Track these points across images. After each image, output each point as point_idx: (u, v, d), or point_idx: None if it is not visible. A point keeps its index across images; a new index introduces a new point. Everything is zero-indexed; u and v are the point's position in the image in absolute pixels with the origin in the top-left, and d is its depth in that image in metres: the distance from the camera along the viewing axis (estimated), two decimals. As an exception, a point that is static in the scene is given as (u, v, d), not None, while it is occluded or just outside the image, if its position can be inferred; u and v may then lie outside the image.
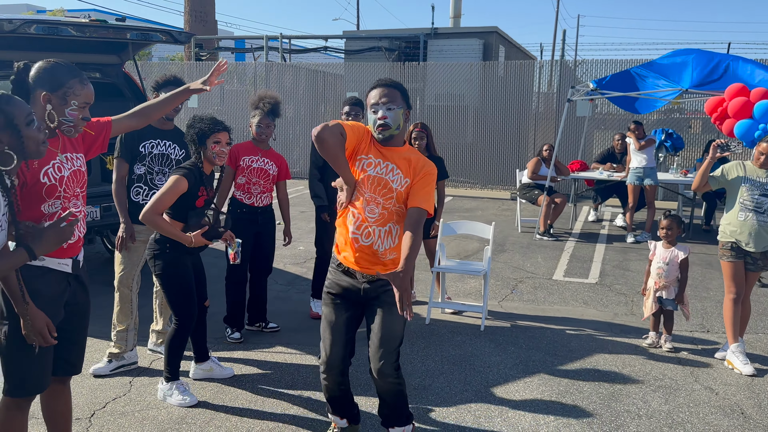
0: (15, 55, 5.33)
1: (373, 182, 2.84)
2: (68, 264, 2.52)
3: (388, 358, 2.84)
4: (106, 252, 7.11)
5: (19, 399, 2.46)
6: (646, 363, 4.41)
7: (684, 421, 3.57)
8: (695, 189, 4.61)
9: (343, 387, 3.01)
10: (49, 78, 2.40)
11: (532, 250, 7.85)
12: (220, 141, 3.49)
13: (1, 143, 2.08)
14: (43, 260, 2.43)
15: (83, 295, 2.64)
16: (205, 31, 16.82)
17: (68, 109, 2.43)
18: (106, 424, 3.39)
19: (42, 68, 2.42)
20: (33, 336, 2.31)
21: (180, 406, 3.58)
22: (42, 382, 2.48)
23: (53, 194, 2.43)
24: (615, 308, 5.68)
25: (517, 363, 4.36)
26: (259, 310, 4.89)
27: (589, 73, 12.28)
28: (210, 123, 3.48)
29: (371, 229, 2.83)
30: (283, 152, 13.72)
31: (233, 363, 4.24)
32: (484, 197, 12.26)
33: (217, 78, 2.90)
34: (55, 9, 29.99)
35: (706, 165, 4.46)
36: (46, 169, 2.41)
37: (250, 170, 4.54)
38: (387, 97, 2.80)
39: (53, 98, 2.41)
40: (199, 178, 3.49)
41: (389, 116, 2.79)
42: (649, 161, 8.24)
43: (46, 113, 2.41)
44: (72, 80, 2.43)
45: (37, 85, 2.41)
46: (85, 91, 2.46)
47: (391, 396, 2.93)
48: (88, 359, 4.25)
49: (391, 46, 14.41)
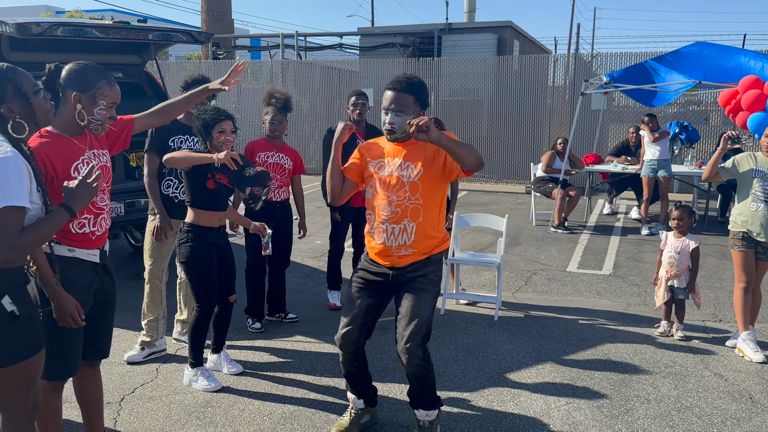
0: (41, 56, 5.54)
1: (384, 182, 2.99)
2: (96, 254, 2.69)
3: (414, 339, 2.93)
4: (129, 247, 7.32)
5: (53, 382, 2.64)
6: (657, 351, 4.49)
7: (692, 405, 3.66)
8: (705, 179, 4.67)
9: (357, 364, 3.15)
10: (80, 79, 2.55)
11: (546, 243, 7.92)
12: (225, 130, 3.62)
13: (12, 112, 2.21)
14: (74, 251, 2.60)
15: (110, 284, 2.80)
16: (222, 30, 17.02)
17: (97, 108, 2.58)
18: (135, 408, 3.56)
19: (72, 70, 2.57)
20: (64, 319, 2.48)
21: (205, 390, 3.74)
22: (74, 365, 2.65)
23: None
24: (628, 299, 5.76)
25: (530, 351, 4.46)
26: (279, 302, 5.04)
27: (605, 67, 12.28)
28: (213, 113, 3.61)
29: (384, 227, 2.99)
30: (298, 148, 13.89)
31: (255, 351, 4.40)
32: (499, 191, 12.32)
33: (235, 78, 3.05)
34: (72, 10, 30.44)
35: (717, 156, 4.52)
36: (76, 164, 2.57)
37: (266, 165, 4.68)
38: (396, 103, 2.91)
39: (83, 98, 2.56)
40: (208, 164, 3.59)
41: (396, 122, 2.92)
42: (663, 153, 8.27)
43: (76, 112, 2.56)
44: (101, 81, 2.58)
45: (67, 86, 2.55)
46: (112, 92, 2.61)
47: (417, 378, 3.03)
48: (119, 348, 4.46)
49: (405, 42, 14.50)
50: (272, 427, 3.37)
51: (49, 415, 2.65)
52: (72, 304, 2.47)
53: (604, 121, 11.65)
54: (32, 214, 2.20)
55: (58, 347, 2.56)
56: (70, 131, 2.59)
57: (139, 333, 4.41)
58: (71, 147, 2.57)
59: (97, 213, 2.67)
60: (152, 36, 5.43)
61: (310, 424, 3.39)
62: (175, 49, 31.48)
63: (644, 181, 8.43)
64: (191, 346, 3.78)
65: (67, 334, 2.55)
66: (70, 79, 2.55)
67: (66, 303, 2.46)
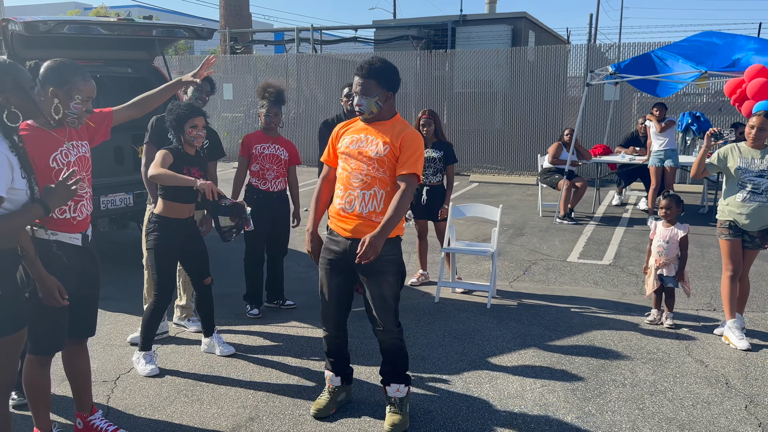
0: (51, 53, 5.77)
1: (352, 154, 3.19)
2: (78, 238, 2.88)
3: (387, 317, 3.19)
4: (141, 237, 7.57)
5: (41, 356, 2.84)
6: (643, 338, 4.55)
7: (666, 389, 3.73)
8: (694, 176, 4.71)
9: (338, 341, 3.38)
10: (56, 75, 2.74)
11: (550, 234, 7.97)
12: (197, 125, 3.78)
13: (9, 102, 2.41)
14: (56, 234, 2.79)
15: (93, 266, 2.99)
16: (240, 25, 17.27)
17: (73, 102, 2.77)
18: (129, 386, 3.76)
19: (50, 67, 2.76)
20: (47, 298, 2.67)
21: (145, 375, 3.89)
22: (59, 341, 2.85)
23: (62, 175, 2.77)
24: (624, 288, 5.80)
25: (516, 337, 4.56)
26: (277, 289, 5.21)
27: (621, 57, 12.18)
28: (186, 109, 3.77)
29: (354, 194, 3.15)
30: (313, 139, 14.07)
31: (249, 336, 4.58)
32: (511, 183, 12.34)
33: (207, 70, 3.25)
34: (98, 6, 31.07)
35: (702, 154, 4.56)
36: (54, 155, 2.76)
37: (263, 157, 4.84)
38: (362, 87, 3.13)
39: (60, 93, 2.74)
40: (181, 157, 3.77)
41: (363, 104, 3.14)
42: (670, 143, 8.24)
43: (53, 106, 2.75)
44: (76, 78, 2.76)
45: (45, 82, 2.75)
46: (87, 87, 2.79)
47: (393, 351, 3.25)
48: (122, 332, 4.68)
49: (419, 35, 14.56)
50: (255, 404, 3.54)
51: (37, 388, 2.85)
52: (54, 284, 2.66)
53: (615, 112, 11.58)
54: (16, 198, 2.39)
55: (43, 324, 2.76)
56: (49, 124, 2.78)
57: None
58: (50, 139, 2.76)
59: (77, 200, 2.86)
60: (156, 32, 5.63)
61: (290, 402, 3.56)
62: (198, 44, 31.95)
63: (651, 171, 8.41)
64: (142, 331, 3.93)
65: (52, 312, 2.74)
66: (47, 75, 2.74)
67: (48, 283, 2.64)
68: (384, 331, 3.22)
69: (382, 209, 3.15)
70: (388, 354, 3.28)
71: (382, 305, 3.18)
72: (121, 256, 6.96)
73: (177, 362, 4.10)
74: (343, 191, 3.21)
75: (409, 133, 3.15)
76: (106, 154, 6.42)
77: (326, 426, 3.32)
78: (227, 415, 3.42)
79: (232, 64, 15.37)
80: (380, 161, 3.12)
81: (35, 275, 2.63)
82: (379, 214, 3.14)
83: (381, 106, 3.14)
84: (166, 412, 3.45)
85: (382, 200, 3.14)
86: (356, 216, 3.16)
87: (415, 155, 3.11)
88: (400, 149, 3.12)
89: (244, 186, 5.02)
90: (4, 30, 5.21)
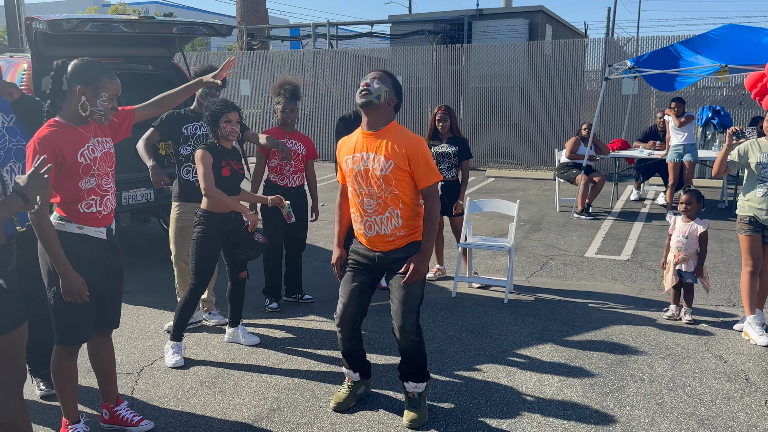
0: (74, 51, 5.86)
1: (359, 176, 3.18)
2: (103, 232, 2.96)
3: (408, 317, 3.18)
4: (162, 232, 7.67)
5: (68, 347, 2.93)
6: (661, 333, 4.55)
7: (685, 385, 3.72)
8: (715, 175, 4.67)
9: (354, 342, 3.38)
10: (84, 74, 2.80)
11: (567, 229, 7.95)
12: (231, 120, 3.90)
13: None
14: (83, 228, 2.86)
15: (117, 259, 3.06)
16: (257, 21, 17.34)
17: (99, 100, 2.83)
18: (153, 378, 3.84)
19: (77, 66, 2.82)
20: (71, 294, 2.74)
21: (170, 366, 3.98)
22: (85, 333, 2.93)
23: (88, 172, 2.86)
24: (642, 283, 5.78)
25: (533, 332, 4.58)
26: (295, 283, 5.26)
27: (640, 51, 12.08)
28: (221, 105, 3.89)
29: (371, 220, 3.19)
30: (330, 134, 14.13)
31: (269, 329, 4.64)
32: (528, 178, 12.31)
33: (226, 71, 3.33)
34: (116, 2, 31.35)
35: (724, 152, 4.52)
36: (82, 151, 2.83)
37: None
38: (378, 77, 3.13)
39: (87, 91, 2.81)
40: (219, 152, 3.92)
41: (372, 85, 3.08)
42: (689, 138, 8.17)
43: (80, 103, 2.81)
44: (102, 76, 2.82)
45: (73, 80, 2.81)
46: (113, 85, 2.85)
47: (411, 352, 3.24)
48: (143, 325, 4.76)
49: (435, 29, 14.53)
50: (276, 396, 3.60)
51: (65, 378, 2.93)
52: (78, 281, 2.74)
53: (633, 106, 11.49)
54: None
55: (70, 316, 2.84)
56: (76, 121, 2.86)
57: (164, 311, 4.71)
58: (77, 135, 2.83)
59: (102, 194, 2.93)
60: (176, 30, 5.69)
61: (311, 395, 3.61)
62: (215, 40, 32.14)
63: (670, 166, 8.35)
64: (175, 320, 4.05)
65: (77, 304, 2.82)
66: (75, 73, 2.81)
67: (73, 278, 2.72)
68: (403, 333, 3.19)
69: (402, 224, 3.19)
70: (407, 354, 3.27)
71: (406, 307, 3.18)
72: (142, 250, 7.06)
73: (199, 354, 4.17)
74: (360, 217, 3.23)
75: (412, 145, 3.10)
76: (127, 151, 6.50)
77: (346, 418, 3.36)
78: (249, 407, 3.48)
79: (249, 60, 15.46)
80: (386, 179, 3.11)
81: (60, 270, 2.70)
82: (401, 228, 3.19)
83: (387, 101, 3.13)
84: (189, 404, 3.52)
85: (399, 217, 3.18)
86: (379, 237, 3.22)
87: (426, 165, 3.11)
88: (410, 165, 3.10)
89: (263, 182, 5.07)
90: (29, 28, 5.30)
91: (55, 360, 2.96)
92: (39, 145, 2.71)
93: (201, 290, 4.04)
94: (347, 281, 3.33)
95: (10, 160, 3.26)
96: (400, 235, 3.21)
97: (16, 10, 12.63)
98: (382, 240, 3.22)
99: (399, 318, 3.18)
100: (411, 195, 3.18)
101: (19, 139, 3.31)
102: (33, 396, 3.58)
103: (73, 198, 2.84)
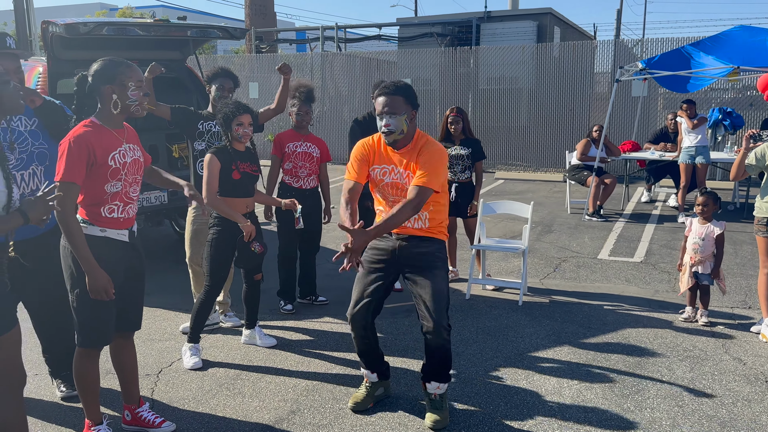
0: (88, 54, 5.89)
1: (392, 187, 3.24)
2: (125, 234, 2.98)
3: (442, 315, 3.16)
4: (174, 234, 7.70)
5: (89, 349, 2.95)
6: (678, 335, 4.53)
7: (705, 387, 3.71)
8: (734, 179, 4.66)
9: (367, 341, 3.38)
10: (105, 74, 2.82)
11: (579, 231, 7.93)
12: (243, 123, 3.90)
13: None
14: (105, 231, 2.88)
15: (139, 261, 3.09)
16: (265, 24, 17.40)
17: (129, 91, 2.85)
18: (171, 380, 3.85)
19: (96, 70, 2.84)
20: (97, 292, 2.76)
21: (189, 368, 3.99)
22: (107, 335, 2.95)
23: (116, 176, 2.87)
24: (657, 285, 5.77)
25: (550, 334, 4.57)
26: (309, 285, 5.27)
27: (649, 53, 12.05)
28: (233, 107, 3.90)
29: None
30: (339, 137, 14.16)
31: (285, 331, 4.65)
32: (537, 180, 12.30)
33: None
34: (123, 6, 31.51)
35: (741, 156, 4.51)
36: (113, 154, 2.85)
37: (296, 155, 4.90)
38: (389, 106, 3.12)
39: (115, 88, 2.83)
40: (230, 155, 3.92)
41: (392, 123, 3.13)
42: (701, 140, 8.14)
43: (111, 102, 2.83)
44: (120, 68, 2.84)
45: (98, 84, 2.83)
46: (134, 73, 2.86)
47: (441, 352, 3.23)
48: (160, 327, 4.78)
49: (443, 32, 14.55)
50: (295, 398, 3.60)
51: (87, 380, 2.95)
52: (104, 278, 2.76)
53: (644, 108, 11.46)
54: None
55: (92, 319, 2.86)
56: (110, 124, 2.88)
57: (180, 313, 4.72)
58: (111, 138, 2.86)
59: (126, 202, 2.96)
60: (190, 33, 5.72)
61: (330, 396, 3.61)
62: (222, 43, 32.23)
63: (682, 168, 8.32)
64: (191, 322, 4.06)
65: (99, 307, 2.85)
66: (97, 78, 2.83)
67: (100, 277, 2.74)
68: (437, 331, 3.15)
69: (429, 227, 3.25)
70: (435, 353, 3.24)
71: (438, 298, 3.16)
72: (156, 253, 7.08)
73: (216, 356, 4.18)
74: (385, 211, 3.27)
75: (433, 152, 3.15)
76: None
77: (367, 420, 3.36)
78: (269, 408, 3.49)
79: (258, 63, 15.51)
80: None
81: (86, 267, 2.73)
82: (425, 230, 3.25)
83: (412, 120, 3.16)
84: (209, 405, 3.52)
85: (426, 219, 3.25)
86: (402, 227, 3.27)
87: (430, 167, 3.10)
88: (420, 159, 3.14)
89: (277, 184, 5.08)
90: (45, 32, 5.34)
91: (77, 362, 2.98)
92: (74, 143, 2.73)
93: (216, 292, 4.06)
94: (361, 278, 3.34)
95: (32, 163, 3.28)
96: (425, 227, 3.28)
97: (26, 15, 12.72)
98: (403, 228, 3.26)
99: (431, 317, 3.15)
100: (438, 198, 3.24)
101: (41, 143, 3.33)
102: (54, 398, 3.60)
103: (97, 200, 2.86)
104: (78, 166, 2.72)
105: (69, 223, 2.71)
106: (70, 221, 2.72)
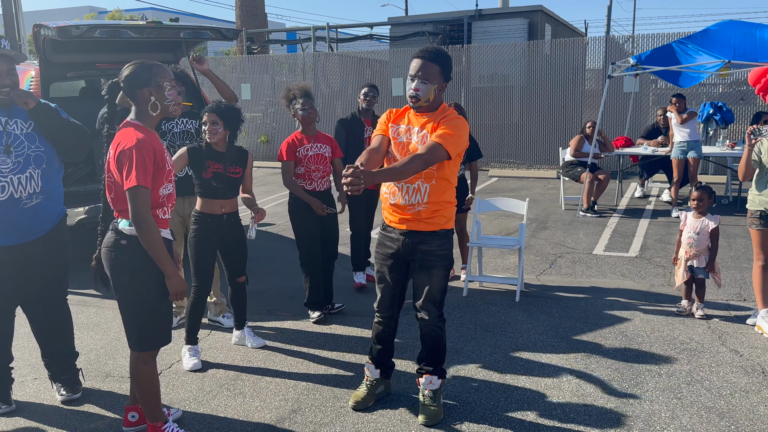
0: (81, 57, 5.87)
1: (399, 147, 3.20)
2: (169, 233, 3.04)
3: (431, 307, 3.24)
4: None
5: (150, 352, 2.97)
6: (675, 329, 4.56)
7: (703, 379, 3.74)
8: (743, 179, 4.63)
9: (388, 330, 3.44)
10: (139, 78, 2.82)
11: (574, 227, 7.97)
12: (206, 122, 3.96)
13: None
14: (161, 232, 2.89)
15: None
16: (256, 25, 17.37)
17: (166, 91, 2.86)
18: (172, 381, 3.85)
19: (128, 75, 2.84)
20: (178, 294, 2.83)
21: (188, 369, 3.99)
22: (166, 336, 3.00)
23: (169, 177, 2.92)
24: (652, 280, 5.80)
25: (547, 329, 4.59)
26: (327, 294, 4.99)
27: (640, 49, 12.11)
28: (207, 108, 4.01)
29: (397, 187, 3.18)
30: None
31: (285, 332, 4.65)
32: (531, 177, 12.34)
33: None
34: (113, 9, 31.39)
35: (747, 155, 4.51)
36: (166, 155, 2.91)
37: (308, 159, 4.71)
38: (423, 71, 3.05)
39: (152, 90, 2.84)
40: (201, 153, 3.97)
41: (421, 89, 3.06)
42: (693, 134, 8.20)
43: (149, 105, 2.84)
44: (153, 69, 2.85)
45: (134, 89, 2.83)
46: (165, 72, 2.89)
47: (432, 339, 3.29)
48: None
49: (435, 30, 14.57)
50: (296, 397, 3.61)
51: (150, 381, 3.00)
52: (183, 280, 2.86)
53: (636, 104, 11.53)
54: None
55: (153, 321, 2.91)
56: (150, 126, 2.91)
57: (175, 314, 4.70)
58: (159, 141, 2.91)
59: (173, 204, 3.02)
60: (183, 34, 5.71)
61: (331, 395, 3.62)
62: (212, 45, 32.17)
63: (674, 163, 8.37)
64: (187, 324, 4.09)
65: (160, 309, 2.91)
66: (132, 83, 2.82)
67: (181, 279, 2.84)
68: (424, 314, 3.26)
69: (426, 200, 3.14)
70: (426, 340, 3.32)
71: (428, 297, 3.24)
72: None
73: (216, 357, 4.18)
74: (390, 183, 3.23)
75: (452, 116, 3.10)
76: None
77: (368, 417, 3.38)
78: (270, 408, 3.49)
79: (249, 65, 15.48)
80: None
81: (169, 272, 2.80)
82: (424, 204, 3.15)
83: (441, 90, 3.12)
84: (210, 406, 3.52)
85: (426, 193, 3.14)
86: (399, 207, 3.20)
87: (451, 129, 3.02)
88: (441, 124, 3.07)
89: None
90: (36, 35, 5.31)
91: (135, 367, 2.99)
92: (143, 149, 2.73)
93: (205, 291, 4.08)
94: (379, 275, 3.39)
95: (29, 167, 3.27)
96: (420, 209, 3.16)
97: (15, 19, 12.65)
98: (401, 210, 3.19)
99: (420, 303, 3.24)
100: (445, 174, 3.14)
101: (37, 146, 3.32)
102: (54, 401, 3.59)
103: (155, 204, 2.87)
104: (148, 170, 2.75)
105: (149, 229, 2.74)
106: (151, 226, 2.75)
